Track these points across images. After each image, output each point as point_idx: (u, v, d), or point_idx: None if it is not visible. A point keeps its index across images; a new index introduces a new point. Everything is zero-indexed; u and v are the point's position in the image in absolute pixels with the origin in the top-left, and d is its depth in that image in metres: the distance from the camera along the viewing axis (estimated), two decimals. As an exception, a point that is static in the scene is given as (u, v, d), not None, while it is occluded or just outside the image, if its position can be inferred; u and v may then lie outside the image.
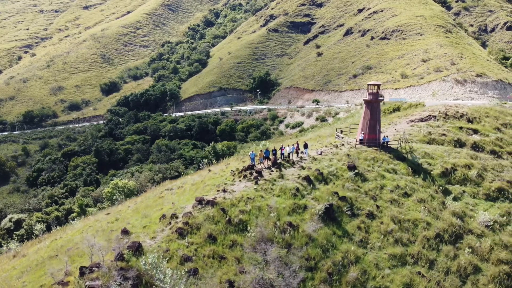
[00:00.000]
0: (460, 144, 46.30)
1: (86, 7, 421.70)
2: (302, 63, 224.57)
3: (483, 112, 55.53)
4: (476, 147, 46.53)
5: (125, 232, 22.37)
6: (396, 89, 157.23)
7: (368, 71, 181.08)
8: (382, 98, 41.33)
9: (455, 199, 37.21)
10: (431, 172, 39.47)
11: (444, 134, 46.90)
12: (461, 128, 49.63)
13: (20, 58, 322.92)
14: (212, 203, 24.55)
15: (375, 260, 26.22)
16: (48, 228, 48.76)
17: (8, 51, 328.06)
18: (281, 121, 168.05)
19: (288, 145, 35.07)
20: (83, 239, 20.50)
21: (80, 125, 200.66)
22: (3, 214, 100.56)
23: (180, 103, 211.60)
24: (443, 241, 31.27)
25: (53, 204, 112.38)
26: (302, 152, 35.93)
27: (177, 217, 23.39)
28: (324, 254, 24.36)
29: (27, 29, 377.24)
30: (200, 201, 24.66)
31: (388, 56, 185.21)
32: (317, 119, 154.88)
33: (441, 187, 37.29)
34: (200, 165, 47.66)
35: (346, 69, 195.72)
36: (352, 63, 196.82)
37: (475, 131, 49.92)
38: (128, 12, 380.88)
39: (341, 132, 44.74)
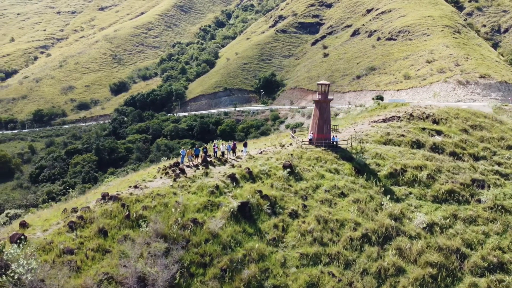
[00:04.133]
0: (418, 145, 45.60)
1: (101, 9, 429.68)
2: (308, 63, 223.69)
3: (453, 113, 54.52)
4: (435, 148, 45.74)
5: (23, 224, 23.05)
6: (398, 90, 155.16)
7: (371, 72, 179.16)
8: (331, 98, 41.09)
9: (398, 200, 36.73)
10: (378, 173, 39.05)
11: (402, 135, 46.28)
12: (424, 129, 48.86)
13: (36, 58, 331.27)
14: (114, 198, 25.01)
15: (283, 258, 26.16)
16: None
17: (25, 52, 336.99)
18: (282, 122, 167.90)
19: (222, 144, 35.29)
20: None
21: (87, 124, 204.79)
22: (1, 209, 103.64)
23: (185, 103, 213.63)
24: (370, 242, 30.95)
25: (50, 200, 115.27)
26: (241, 151, 36.08)
27: (76, 211, 23.97)
28: (223, 251, 24.47)
29: (44, 30, 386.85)
30: (103, 197, 25.18)
31: (393, 57, 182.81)
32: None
33: (383, 188, 36.86)
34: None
35: (350, 70, 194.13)
36: (357, 64, 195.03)
37: (439, 132, 49.08)
38: (142, 13, 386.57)
39: (294, 131, 44.68)
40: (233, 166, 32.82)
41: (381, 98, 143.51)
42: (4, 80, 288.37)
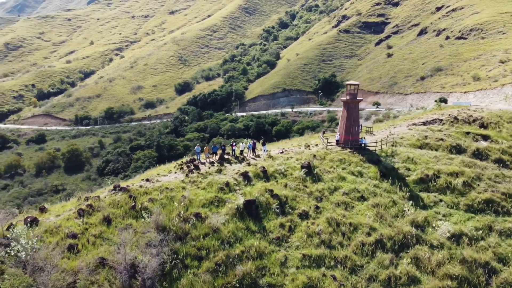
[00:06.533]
0: (459, 150, 42.66)
1: (172, 12, 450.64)
2: (370, 64, 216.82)
3: (507, 117, 50.24)
4: (478, 154, 42.48)
5: (42, 209, 25.42)
6: (465, 92, 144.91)
7: (437, 73, 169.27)
8: (360, 99, 39.87)
9: (425, 207, 34.77)
10: (406, 178, 37.21)
11: (442, 139, 43.56)
12: (468, 133, 45.60)
13: (111, 60, 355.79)
14: (124, 189, 26.58)
15: (283, 258, 26.01)
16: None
17: (102, 54, 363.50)
18: (338, 123, 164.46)
19: (242, 142, 35.74)
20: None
21: (152, 122, 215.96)
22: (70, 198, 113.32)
23: (244, 103, 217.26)
24: (384, 248, 29.65)
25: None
26: (261, 150, 36.34)
27: (87, 200, 25.87)
28: (221, 246, 24.95)
29: (120, 34, 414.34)
30: (115, 188, 26.88)
31: (462, 57, 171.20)
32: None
33: (408, 194, 35.06)
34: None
35: (415, 70, 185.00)
36: (422, 64, 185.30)
37: (485, 138, 45.52)
38: (209, 16, 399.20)
39: (324, 132, 43.97)
40: (249, 164, 33.24)
41: (445, 101, 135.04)
42: (83, 80, 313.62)
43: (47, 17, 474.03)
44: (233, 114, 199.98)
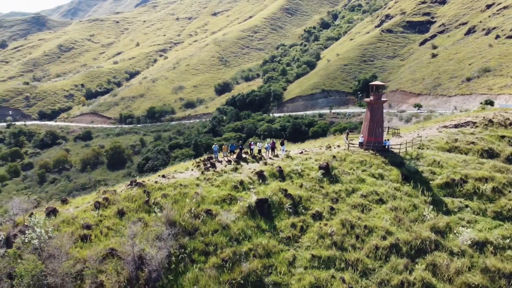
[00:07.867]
0: (491, 154, 40.65)
1: (214, 14, 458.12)
2: (413, 65, 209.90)
3: (549, 120, 47.20)
4: (513, 159, 40.32)
5: (64, 201, 27.00)
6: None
7: (485, 74, 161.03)
8: (384, 100, 38.96)
9: (448, 212, 33.49)
10: (430, 182, 35.98)
11: (473, 143, 41.69)
12: (503, 137, 43.33)
13: (155, 61, 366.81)
14: (139, 185, 27.64)
15: (292, 257, 26.01)
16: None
17: (147, 55, 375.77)
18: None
19: (259, 142, 35.98)
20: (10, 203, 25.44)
21: (191, 121, 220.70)
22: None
23: (282, 104, 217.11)
24: (399, 253, 28.88)
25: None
26: (280, 150, 36.46)
27: (105, 193, 27.14)
28: (229, 242, 25.35)
29: (164, 35, 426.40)
30: (131, 183, 28.03)
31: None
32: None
33: (431, 198, 33.88)
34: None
35: (460, 71, 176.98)
36: (469, 65, 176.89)
37: (522, 142, 43.06)
38: (250, 17, 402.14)
39: (348, 134, 43.37)
40: (265, 164, 33.46)
41: (491, 103, 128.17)
42: (128, 80, 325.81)
43: (97, 20, 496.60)
44: (271, 114, 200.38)
